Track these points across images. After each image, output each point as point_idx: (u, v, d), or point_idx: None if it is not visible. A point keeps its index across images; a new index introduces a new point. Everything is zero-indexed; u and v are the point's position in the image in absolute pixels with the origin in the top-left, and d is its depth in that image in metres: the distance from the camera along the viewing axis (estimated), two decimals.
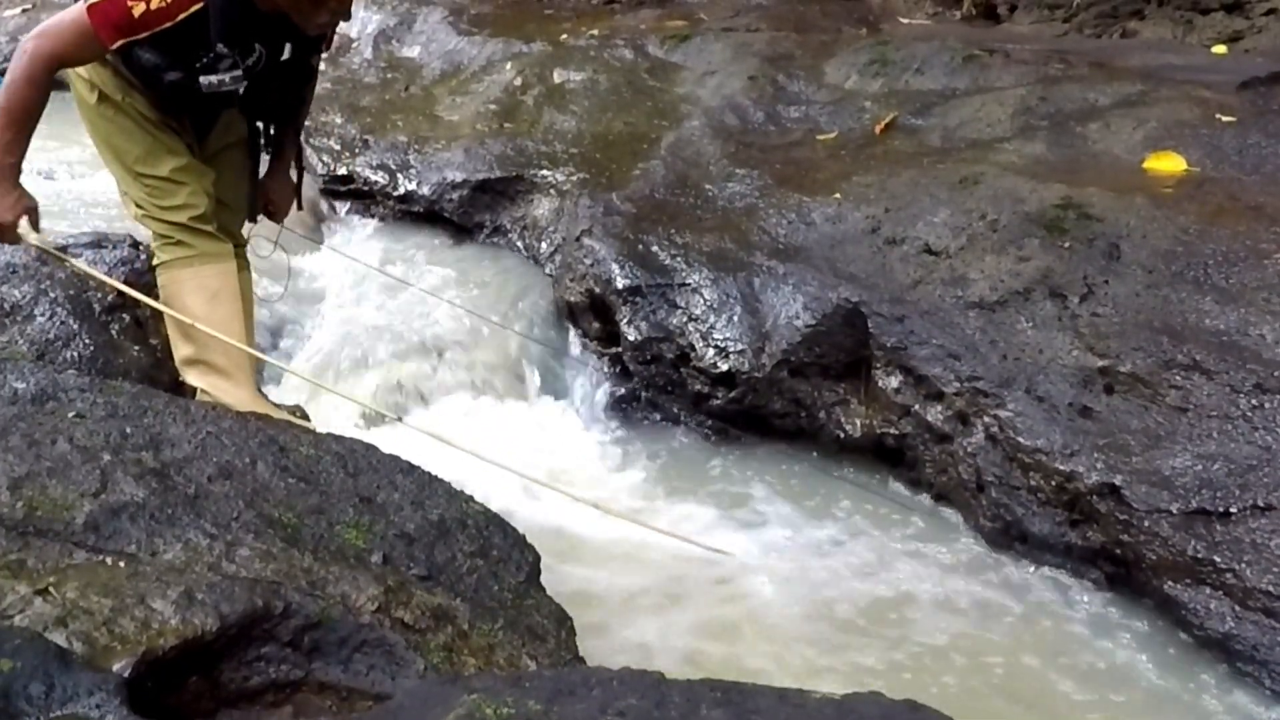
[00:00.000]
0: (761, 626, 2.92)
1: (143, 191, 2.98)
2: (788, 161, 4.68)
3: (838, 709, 1.43)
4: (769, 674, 2.66)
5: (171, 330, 3.06)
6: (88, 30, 2.62)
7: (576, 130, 5.36)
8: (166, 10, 2.59)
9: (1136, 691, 2.70)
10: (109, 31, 2.61)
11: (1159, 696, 2.68)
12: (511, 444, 3.78)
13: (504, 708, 1.35)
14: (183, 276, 2.99)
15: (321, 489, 2.19)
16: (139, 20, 2.60)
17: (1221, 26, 6.57)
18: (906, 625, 2.94)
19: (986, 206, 3.82)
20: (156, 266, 3.03)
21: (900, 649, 2.85)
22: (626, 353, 4.03)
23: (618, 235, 4.26)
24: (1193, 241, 3.45)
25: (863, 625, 2.93)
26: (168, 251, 3.00)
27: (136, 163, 2.96)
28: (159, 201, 2.97)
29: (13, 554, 1.72)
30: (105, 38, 2.62)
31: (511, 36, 6.57)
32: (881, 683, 2.67)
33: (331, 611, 1.77)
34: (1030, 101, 4.69)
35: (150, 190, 2.97)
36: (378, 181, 5.40)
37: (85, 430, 2.09)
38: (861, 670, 2.76)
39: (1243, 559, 2.74)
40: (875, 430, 3.65)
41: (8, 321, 3.13)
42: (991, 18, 7.58)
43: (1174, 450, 2.98)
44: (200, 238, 3.01)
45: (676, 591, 3.04)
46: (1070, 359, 3.26)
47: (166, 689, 1.59)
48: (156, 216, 2.99)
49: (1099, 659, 2.81)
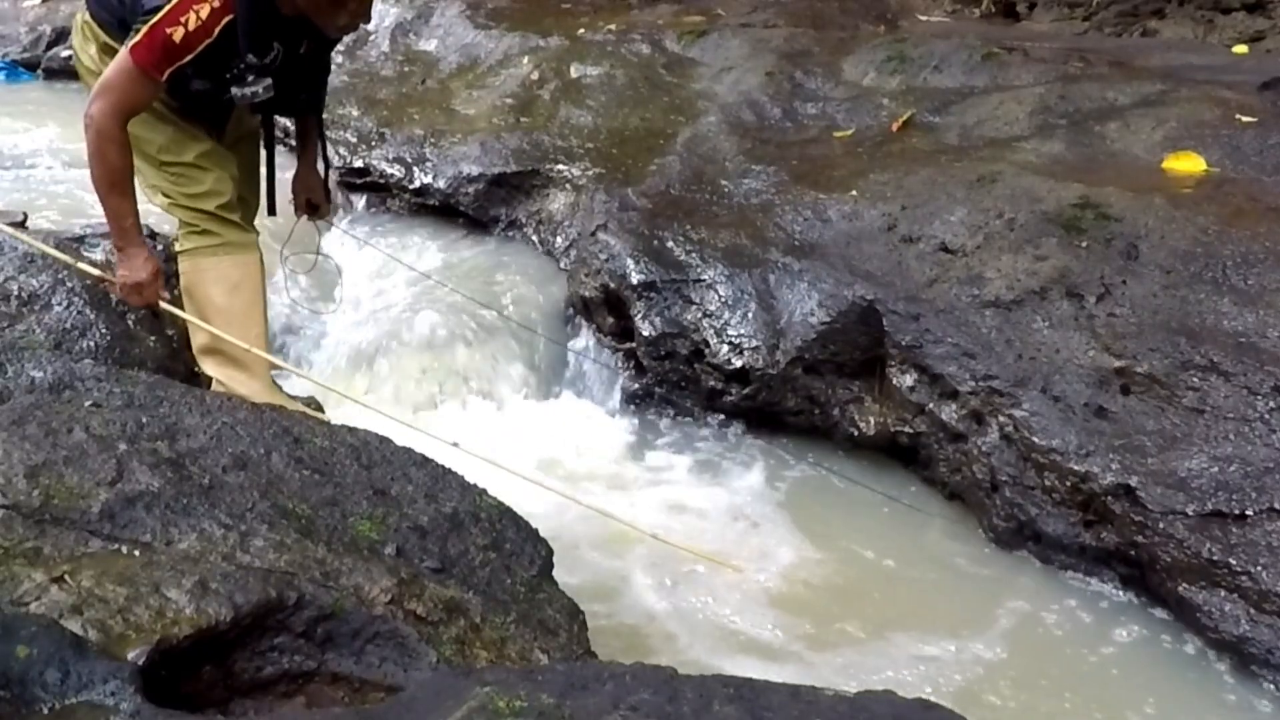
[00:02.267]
0: (773, 623, 2.92)
1: (168, 180, 3.00)
2: (804, 158, 4.67)
3: (850, 706, 1.42)
4: (780, 671, 2.66)
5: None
6: (136, 73, 2.65)
7: (593, 125, 5.36)
8: (204, 27, 2.61)
9: (1149, 694, 2.68)
10: (156, 66, 2.64)
11: (1172, 699, 2.67)
12: (524, 440, 3.79)
13: (516, 700, 1.35)
14: (205, 265, 3.01)
15: (336, 481, 2.19)
16: (181, 45, 2.62)
17: (1243, 26, 6.52)
18: (918, 624, 2.93)
19: (1004, 205, 3.80)
20: (180, 253, 3.05)
21: (912, 648, 2.84)
22: (640, 348, 4.03)
23: (633, 231, 4.26)
24: (1211, 242, 3.43)
25: (875, 624, 2.93)
26: (192, 240, 3.01)
27: (161, 151, 2.97)
28: (185, 189, 2.99)
29: (29, 541, 1.73)
30: (156, 73, 2.65)
31: (528, 30, 6.56)
32: (894, 681, 2.66)
33: (345, 603, 1.77)
34: (1049, 100, 4.66)
35: (175, 178, 2.99)
36: (394, 174, 5.41)
37: (101, 419, 2.10)
38: (874, 668, 2.75)
39: (1258, 562, 2.72)
40: (889, 428, 3.64)
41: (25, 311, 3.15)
42: (1011, 15, 7.54)
43: (1190, 452, 2.97)
44: (226, 226, 3.02)
45: (687, 588, 3.04)
46: (1086, 359, 3.25)
47: (180, 678, 1.60)
48: (184, 204, 3.00)
49: (1112, 661, 2.80)
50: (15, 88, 8.19)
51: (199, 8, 2.60)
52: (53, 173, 6.03)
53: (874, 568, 3.19)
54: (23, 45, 8.72)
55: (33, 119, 7.25)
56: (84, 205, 5.50)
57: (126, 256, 2.84)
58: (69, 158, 6.30)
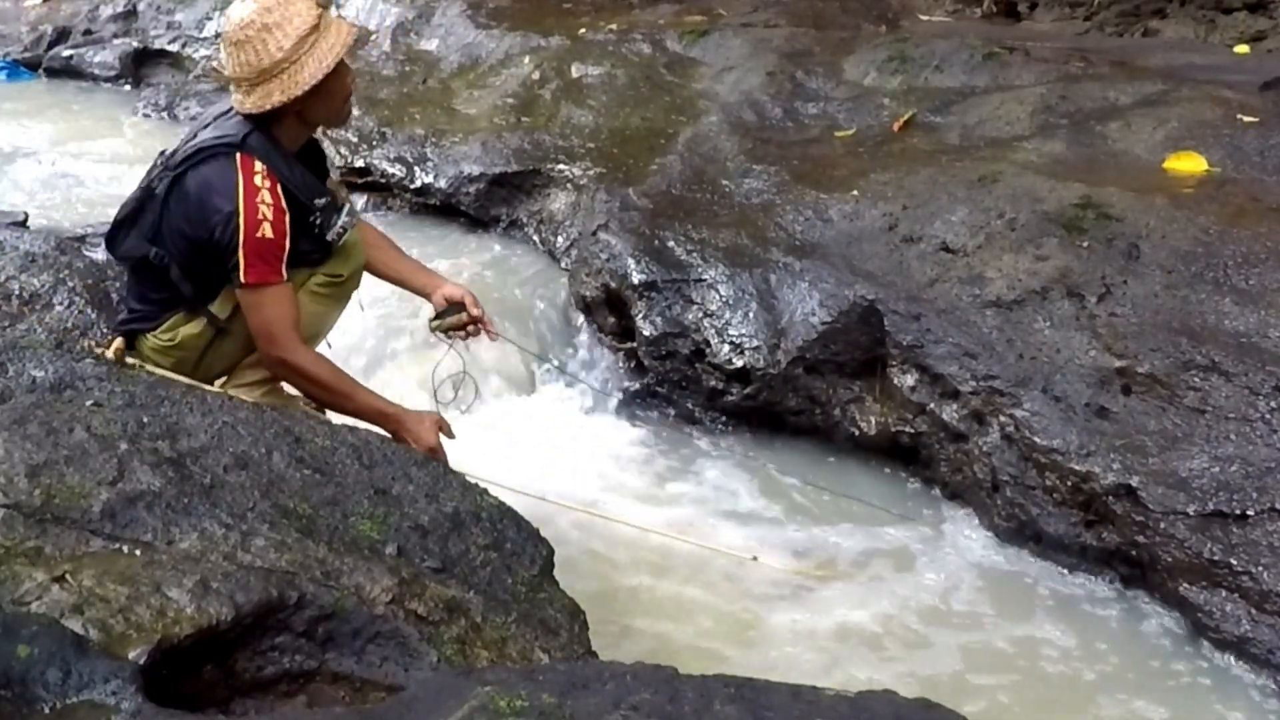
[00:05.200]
0: (773, 624, 2.92)
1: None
2: (805, 158, 4.67)
3: (851, 706, 1.42)
4: (781, 671, 2.66)
5: None
6: (269, 293, 2.60)
7: (594, 125, 5.35)
8: (276, 206, 2.57)
9: (1150, 694, 2.68)
10: (272, 272, 2.59)
11: (1173, 699, 2.67)
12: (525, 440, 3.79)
13: (517, 700, 1.35)
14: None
15: (336, 480, 2.19)
16: (275, 240, 2.58)
17: (1244, 26, 6.52)
18: (919, 624, 2.93)
19: (1005, 205, 3.80)
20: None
21: (912, 647, 2.85)
22: (641, 348, 4.03)
23: (634, 230, 4.26)
24: (1213, 242, 3.43)
25: (875, 624, 2.93)
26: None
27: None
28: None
29: (30, 541, 1.73)
30: (277, 278, 2.60)
31: (529, 30, 6.56)
32: (894, 680, 2.66)
33: (345, 602, 1.77)
34: (1050, 100, 4.66)
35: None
36: (395, 174, 5.41)
37: (103, 419, 2.10)
38: (874, 668, 2.75)
39: (1260, 562, 2.73)
40: (890, 428, 3.64)
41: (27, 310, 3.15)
42: (1012, 15, 7.54)
43: (1191, 452, 2.97)
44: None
45: (688, 589, 3.04)
46: (1087, 359, 3.25)
47: (181, 677, 1.60)
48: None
49: (1112, 661, 2.80)
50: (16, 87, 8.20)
51: (259, 194, 2.55)
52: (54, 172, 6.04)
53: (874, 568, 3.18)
54: (24, 45, 8.73)
55: (34, 118, 7.26)
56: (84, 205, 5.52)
57: (405, 428, 2.75)
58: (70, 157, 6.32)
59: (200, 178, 2.59)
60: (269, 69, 2.57)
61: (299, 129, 2.75)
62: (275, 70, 2.57)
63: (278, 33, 2.56)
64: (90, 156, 6.35)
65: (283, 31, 2.57)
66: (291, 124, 2.70)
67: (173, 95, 7.57)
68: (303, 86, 2.59)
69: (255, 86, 2.60)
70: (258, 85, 2.59)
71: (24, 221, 4.79)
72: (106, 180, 5.84)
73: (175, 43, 8.10)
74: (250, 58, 2.57)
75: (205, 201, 2.58)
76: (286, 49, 2.57)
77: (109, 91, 8.09)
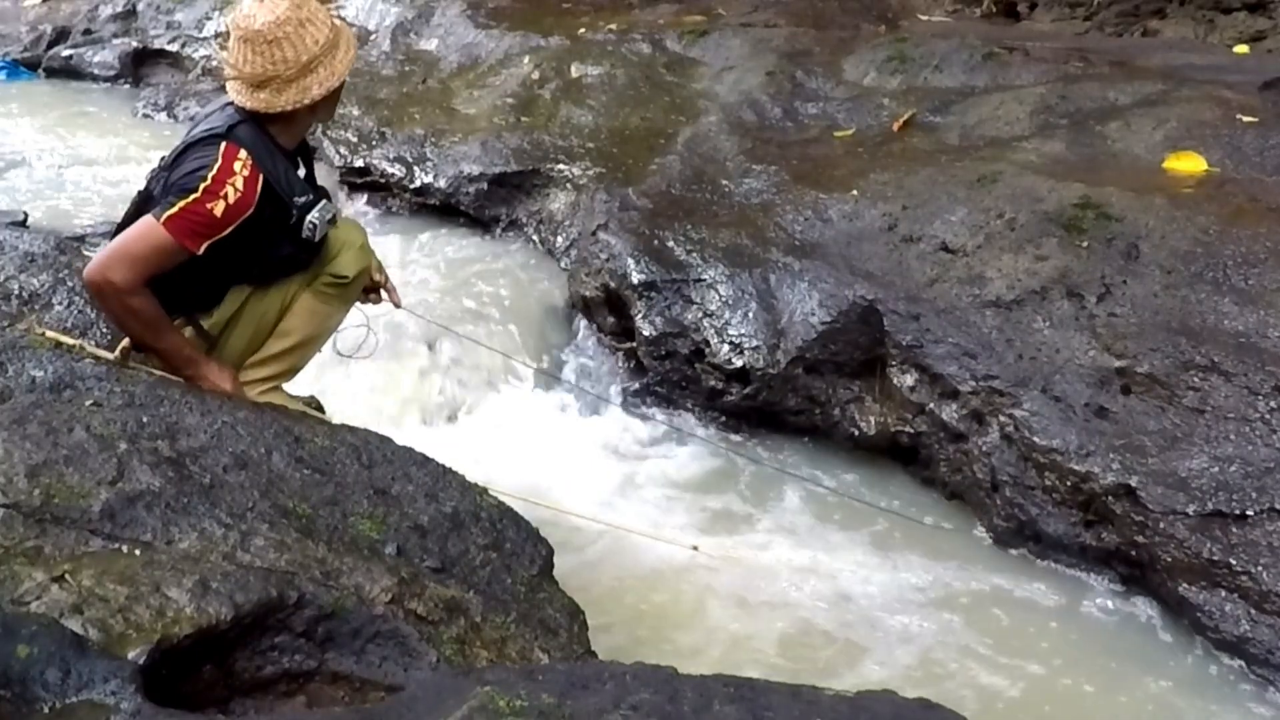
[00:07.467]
0: (773, 625, 2.92)
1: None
2: (805, 158, 4.67)
3: (851, 706, 1.42)
4: (781, 671, 2.66)
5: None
6: (169, 243, 2.52)
7: (593, 125, 5.35)
8: (244, 197, 2.54)
9: (1149, 693, 2.68)
10: (194, 239, 2.53)
11: (1172, 698, 2.67)
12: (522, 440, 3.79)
13: (517, 700, 1.35)
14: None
15: (336, 480, 2.19)
16: (222, 219, 2.53)
17: (1244, 26, 6.52)
18: (918, 624, 2.93)
19: (1004, 205, 3.80)
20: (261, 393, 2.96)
21: (912, 647, 2.84)
22: (641, 348, 4.03)
23: (633, 230, 4.26)
24: (1212, 242, 3.43)
25: (875, 624, 2.93)
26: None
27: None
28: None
29: (30, 541, 1.73)
30: (193, 245, 2.53)
31: (529, 30, 6.56)
32: (894, 681, 2.66)
33: (345, 602, 1.77)
34: (1050, 100, 4.66)
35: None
36: (394, 174, 5.41)
37: (102, 419, 2.10)
38: (874, 668, 2.75)
39: (1259, 562, 2.73)
40: (890, 428, 3.64)
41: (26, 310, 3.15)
42: (1011, 15, 7.54)
43: (1191, 452, 2.97)
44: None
45: (688, 590, 3.04)
46: (1087, 359, 3.25)
47: (181, 677, 1.60)
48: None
49: (1112, 660, 2.80)
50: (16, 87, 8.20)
51: (233, 179, 2.52)
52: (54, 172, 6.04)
53: (874, 567, 3.18)
54: (24, 44, 8.72)
55: (34, 118, 7.26)
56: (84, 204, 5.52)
57: (202, 377, 2.68)
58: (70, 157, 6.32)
59: (182, 161, 2.59)
60: (307, 64, 2.58)
61: (302, 127, 2.76)
62: (312, 65, 2.59)
63: (311, 28, 2.58)
64: (90, 156, 6.35)
65: (315, 26, 2.59)
66: (298, 121, 2.70)
67: (172, 95, 7.57)
68: (331, 84, 2.62)
69: (288, 84, 2.58)
70: (291, 82, 2.58)
71: (24, 221, 4.80)
72: (106, 180, 5.84)
73: (175, 43, 8.09)
74: (288, 53, 2.56)
75: (183, 179, 2.56)
76: (322, 43, 2.59)
77: (109, 91, 8.09)
